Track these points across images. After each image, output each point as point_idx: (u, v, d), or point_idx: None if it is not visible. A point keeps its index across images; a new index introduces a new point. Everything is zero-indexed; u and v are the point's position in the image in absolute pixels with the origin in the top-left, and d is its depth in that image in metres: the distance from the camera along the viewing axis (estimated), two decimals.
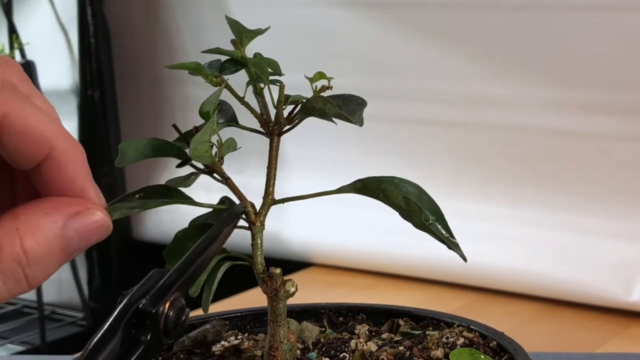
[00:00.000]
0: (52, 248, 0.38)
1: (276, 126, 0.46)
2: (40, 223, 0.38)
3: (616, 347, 0.85)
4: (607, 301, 0.93)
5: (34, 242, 0.38)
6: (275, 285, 0.45)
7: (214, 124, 0.44)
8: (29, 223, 0.38)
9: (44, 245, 0.38)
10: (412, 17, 1.06)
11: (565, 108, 0.98)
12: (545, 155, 1.01)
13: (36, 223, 0.38)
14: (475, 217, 1.03)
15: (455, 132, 1.06)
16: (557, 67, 0.98)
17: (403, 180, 0.45)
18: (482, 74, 1.03)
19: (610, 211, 0.97)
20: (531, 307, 0.96)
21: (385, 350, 0.47)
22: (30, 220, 0.38)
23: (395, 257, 1.06)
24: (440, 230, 0.45)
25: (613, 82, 0.95)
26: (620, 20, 0.94)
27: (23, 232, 0.38)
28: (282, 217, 1.12)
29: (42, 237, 0.38)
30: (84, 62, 1.34)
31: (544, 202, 1.01)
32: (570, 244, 0.98)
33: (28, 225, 0.38)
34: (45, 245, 0.38)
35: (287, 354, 0.45)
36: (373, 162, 1.10)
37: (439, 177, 1.06)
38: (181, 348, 0.50)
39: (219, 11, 1.21)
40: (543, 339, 0.88)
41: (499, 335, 0.48)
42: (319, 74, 0.45)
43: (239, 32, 0.46)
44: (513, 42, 1.01)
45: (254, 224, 0.46)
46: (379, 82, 1.09)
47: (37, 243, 0.38)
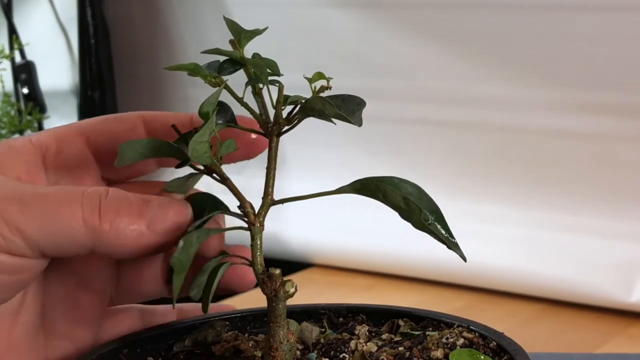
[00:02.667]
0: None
1: (275, 127, 0.46)
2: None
3: (616, 348, 0.85)
4: (607, 302, 0.93)
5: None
6: (275, 285, 0.45)
7: (214, 125, 0.44)
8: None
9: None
10: (412, 17, 1.06)
11: (566, 108, 0.98)
12: (546, 155, 1.01)
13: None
14: (474, 217, 1.03)
15: (455, 133, 1.06)
16: (558, 68, 0.98)
17: (402, 180, 0.45)
18: (482, 74, 1.02)
19: (610, 212, 0.97)
20: (531, 308, 0.96)
21: (385, 350, 0.47)
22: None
23: (395, 257, 1.06)
24: (439, 230, 0.45)
25: (614, 82, 0.95)
26: (621, 20, 0.94)
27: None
28: (281, 218, 1.12)
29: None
30: (84, 62, 1.34)
31: (544, 203, 1.01)
32: (570, 244, 0.98)
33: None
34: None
35: (287, 355, 0.45)
36: (372, 163, 1.10)
37: (438, 177, 1.06)
38: (181, 349, 0.50)
39: (218, 12, 1.21)
40: (543, 340, 0.88)
41: (498, 335, 0.48)
42: (318, 75, 0.46)
43: (237, 33, 0.46)
44: (514, 43, 1.01)
45: (253, 224, 0.46)
46: (378, 82, 1.09)
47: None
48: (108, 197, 0.45)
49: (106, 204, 0.45)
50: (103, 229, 0.45)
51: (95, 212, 0.45)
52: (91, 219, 0.45)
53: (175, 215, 0.46)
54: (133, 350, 0.49)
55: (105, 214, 0.45)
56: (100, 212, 0.45)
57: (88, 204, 0.45)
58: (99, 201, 0.45)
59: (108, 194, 0.46)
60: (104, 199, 0.45)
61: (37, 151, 0.50)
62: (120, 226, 0.45)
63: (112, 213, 0.45)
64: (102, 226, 0.45)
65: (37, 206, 0.45)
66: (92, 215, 0.45)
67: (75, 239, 0.45)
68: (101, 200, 0.45)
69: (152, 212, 0.46)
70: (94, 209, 0.45)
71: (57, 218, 0.45)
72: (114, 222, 0.45)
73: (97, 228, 0.45)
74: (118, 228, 0.45)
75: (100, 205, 0.45)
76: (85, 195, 0.45)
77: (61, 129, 0.51)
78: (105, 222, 0.45)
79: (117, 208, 0.45)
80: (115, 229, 0.45)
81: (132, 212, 0.45)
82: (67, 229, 0.45)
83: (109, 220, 0.45)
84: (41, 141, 0.50)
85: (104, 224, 0.45)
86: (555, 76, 0.99)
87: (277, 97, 0.46)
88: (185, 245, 0.45)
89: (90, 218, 0.45)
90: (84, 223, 0.45)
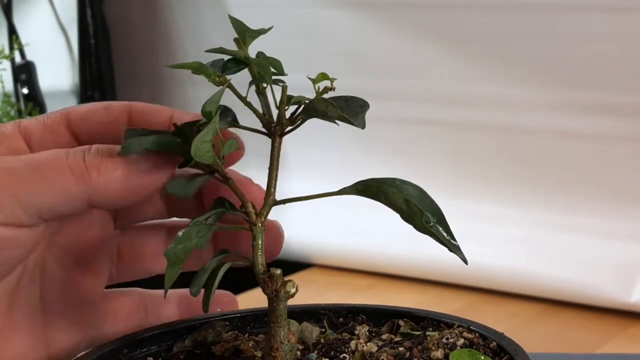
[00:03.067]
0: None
1: (278, 127, 0.46)
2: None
3: (616, 348, 0.85)
4: (607, 302, 0.93)
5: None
6: (276, 286, 0.45)
7: (217, 124, 0.44)
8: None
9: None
10: (412, 17, 1.06)
11: (567, 108, 0.98)
12: (546, 155, 1.01)
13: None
14: (475, 218, 1.03)
15: (455, 133, 1.06)
16: (558, 68, 0.98)
17: (404, 182, 0.45)
18: (482, 74, 1.02)
19: (610, 212, 0.97)
20: (531, 308, 0.96)
21: (385, 351, 0.47)
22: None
23: (395, 257, 1.06)
24: (441, 233, 0.45)
25: (614, 82, 0.95)
26: (621, 20, 0.94)
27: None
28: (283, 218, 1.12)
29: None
30: (84, 62, 1.34)
31: (544, 203, 1.01)
32: (570, 244, 0.98)
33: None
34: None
35: (287, 355, 0.45)
36: (374, 163, 1.10)
37: (438, 177, 1.06)
38: (181, 349, 0.50)
39: (218, 12, 1.21)
40: (543, 340, 0.88)
41: (499, 335, 0.48)
42: (322, 75, 0.46)
43: (241, 32, 0.46)
44: (514, 43, 1.01)
45: (255, 224, 0.46)
46: (381, 82, 1.09)
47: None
48: (91, 150, 0.47)
49: (90, 155, 0.47)
50: (92, 176, 0.46)
51: (81, 162, 0.47)
52: (78, 170, 0.46)
53: (157, 155, 0.48)
54: (133, 350, 0.49)
55: (91, 163, 0.47)
56: (85, 162, 0.47)
57: (73, 157, 0.47)
58: (83, 154, 0.47)
59: (91, 148, 0.48)
60: (87, 152, 0.47)
61: (22, 138, 0.51)
62: (107, 172, 0.47)
63: (97, 161, 0.47)
64: (90, 174, 0.46)
65: (26, 170, 0.46)
66: (79, 165, 0.47)
67: (69, 193, 0.46)
68: (85, 153, 0.47)
69: (133, 156, 0.47)
70: (79, 161, 0.47)
71: (48, 175, 0.46)
72: (101, 169, 0.47)
73: (86, 177, 0.46)
74: (106, 174, 0.47)
75: (84, 157, 0.47)
76: (70, 151, 0.47)
77: (51, 115, 0.52)
78: (93, 170, 0.47)
79: (100, 157, 0.47)
80: (104, 175, 0.47)
81: (115, 159, 0.47)
82: (58, 184, 0.46)
83: (95, 168, 0.47)
84: (28, 128, 0.51)
85: (92, 172, 0.46)
86: (555, 76, 0.99)
87: (281, 97, 0.46)
88: (183, 238, 0.45)
89: (78, 169, 0.46)
90: (72, 174, 0.46)
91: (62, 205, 0.47)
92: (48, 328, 0.51)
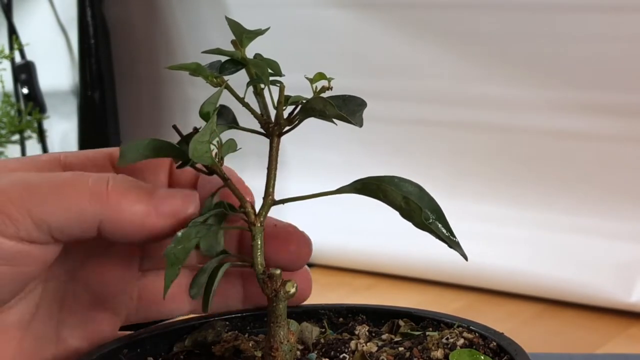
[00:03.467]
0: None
1: (276, 127, 0.46)
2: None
3: (616, 348, 0.85)
4: (607, 302, 0.93)
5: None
6: (276, 286, 0.45)
7: (214, 125, 0.44)
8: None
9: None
10: (412, 17, 1.06)
11: (567, 108, 0.98)
12: (546, 155, 1.01)
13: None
14: (475, 218, 1.03)
15: (456, 133, 1.06)
16: (558, 68, 0.98)
17: (403, 179, 0.45)
18: (482, 74, 1.02)
19: (610, 212, 0.97)
20: (531, 308, 0.96)
21: (385, 351, 0.47)
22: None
23: (395, 257, 1.06)
24: (440, 229, 0.45)
25: (614, 82, 0.95)
26: (621, 20, 0.94)
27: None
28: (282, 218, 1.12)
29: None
30: (84, 62, 1.34)
31: (544, 203, 1.01)
32: (570, 244, 0.98)
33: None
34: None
35: (287, 355, 0.45)
36: (373, 163, 1.10)
37: (438, 177, 1.06)
38: (181, 349, 0.50)
39: (218, 12, 1.21)
40: (543, 340, 0.88)
41: (499, 336, 0.48)
42: (319, 75, 0.45)
43: (239, 33, 0.46)
44: (514, 43, 1.01)
45: (254, 224, 0.46)
46: (379, 82, 1.09)
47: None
48: (116, 178, 0.46)
49: (114, 182, 0.45)
50: (110, 202, 0.45)
51: (103, 187, 0.45)
52: (98, 193, 0.45)
53: (183, 200, 0.46)
54: (133, 350, 0.49)
55: (113, 190, 0.45)
56: (108, 188, 0.45)
57: (96, 181, 0.45)
58: (107, 180, 0.45)
59: (117, 176, 0.46)
60: (112, 179, 0.45)
61: (62, 168, 0.49)
62: (127, 203, 0.45)
63: (120, 190, 0.45)
64: (109, 200, 0.45)
65: (45, 186, 0.45)
66: (100, 189, 0.45)
67: (82, 213, 0.45)
68: (109, 180, 0.45)
69: (160, 194, 0.46)
70: (102, 184, 0.45)
71: (66, 193, 0.45)
72: (121, 198, 0.45)
73: (104, 201, 0.45)
74: (124, 205, 0.45)
75: (108, 183, 0.45)
76: (95, 175, 0.46)
77: (94, 151, 0.50)
78: (113, 197, 0.45)
79: (124, 187, 0.45)
80: (122, 205, 0.45)
81: (139, 192, 0.46)
82: (74, 202, 0.45)
83: (116, 196, 0.45)
84: (69, 159, 0.50)
85: (112, 198, 0.45)
86: (556, 76, 0.99)
87: (278, 97, 0.46)
88: (182, 238, 0.44)
89: (98, 192, 0.45)
90: (91, 194, 0.45)
91: (73, 225, 0.45)
92: (57, 357, 0.50)
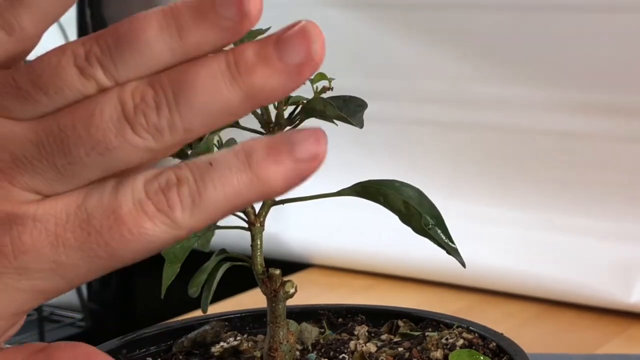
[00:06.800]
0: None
1: (277, 127, 0.46)
2: None
3: (616, 348, 0.85)
4: (606, 302, 0.93)
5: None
6: (275, 286, 0.45)
7: None
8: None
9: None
10: (412, 17, 1.06)
11: (566, 108, 0.98)
12: (546, 156, 1.01)
13: None
14: (475, 218, 1.03)
15: (456, 133, 1.06)
16: (558, 68, 0.98)
17: (404, 184, 0.45)
18: (482, 74, 1.02)
19: (610, 212, 0.97)
20: (531, 308, 0.96)
21: (385, 351, 0.47)
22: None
23: (394, 258, 1.06)
24: (439, 235, 0.45)
25: (614, 82, 0.95)
26: (621, 20, 0.94)
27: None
28: (281, 218, 1.12)
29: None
30: None
31: (544, 203, 1.01)
32: (570, 245, 0.98)
33: None
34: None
35: (286, 355, 0.45)
36: (373, 163, 1.10)
37: (439, 178, 1.06)
38: (180, 349, 0.50)
39: None
40: (542, 340, 0.88)
41: (498, 336, 0.48)
42: (320, 75, 0.46)
43: None
44: (513, 43, 1.01)
45: (254, 224, 0.46)
46: (379, 82, 1.09)
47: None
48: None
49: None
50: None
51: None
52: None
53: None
54: (132, 351, 0.49)
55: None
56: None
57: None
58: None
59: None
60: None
61: None
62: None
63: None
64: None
65: None
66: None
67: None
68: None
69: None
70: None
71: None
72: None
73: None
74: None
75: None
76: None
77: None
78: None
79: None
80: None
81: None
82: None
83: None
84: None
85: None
86: (555, 76, 0.99)
87: None
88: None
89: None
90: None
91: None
92: None
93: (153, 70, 0.35)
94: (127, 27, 0.35)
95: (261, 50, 0.35)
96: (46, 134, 0.35)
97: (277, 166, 0.35)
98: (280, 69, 0.35)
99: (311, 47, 0.35)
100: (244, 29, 0.35)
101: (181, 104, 0.34)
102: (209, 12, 0.35)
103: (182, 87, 0.34)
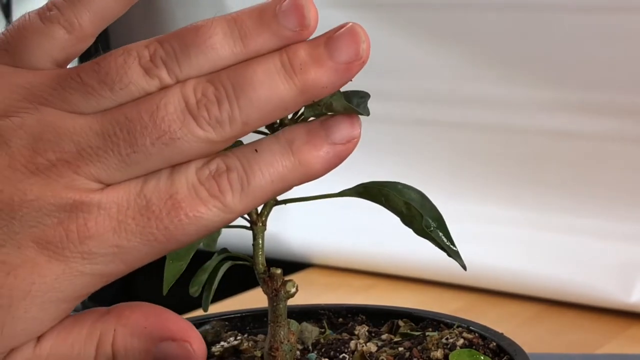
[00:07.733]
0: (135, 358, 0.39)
1: (280, 127, 0.46)
2: (136, 332, 0.39)
3: (616, 348, 0.85)
4: (607, 302, 0.93)
5: (123, 347, 0.39)
6: (276, 285, 0.45)
7: None
8: (128, 326, 0.39)
9: (130, 354, 0.39)
10: (412, 17, 1.06)
11: (566, 108, 0.98)
12: (546, 156, 1.01)
13: (132, 331, 0.39)
14: (475, 218, 1.03)
15: (456, 133, 1.06)
16: (558, 68, 0.98)
17: (406, 186, 0.46)
18: (482, 74, 1.02)
19: (610, 212, 0.97)
20: (531, 308, 0.96)
21: (385, 351, 0.47)
22: (129, 324, 0.39)
23: (395, 258, 1.06)
24: (441, 238, 0.45)
25: (614, 82, 0.95)
26: (620, 20, 0.94)
27: (118, 335, 0.39)
28: (283, 218, 1.12)
29: (132, 347, 0.39)
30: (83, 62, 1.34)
31: (544, 203, 1.01)
32: (570, 245, 0.98)
33: (127, 329, 0.39)
34: (132, 356, 0.39)
35: (287, 355, 0.45)
36: (372, 163, 1.10)
37: (438, 177, 1.06)
38: None
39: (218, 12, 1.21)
40: (543, 340, 0.88)
41: (498, 336, 0.48)
42: None
43: None
44: (514, 43, 1.01)
45: (256, 224, 0.46)
46: (378, 82, 1.09)
47: (126, 349, 0.39)
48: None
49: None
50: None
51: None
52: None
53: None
54: None
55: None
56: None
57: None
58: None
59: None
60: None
61: None
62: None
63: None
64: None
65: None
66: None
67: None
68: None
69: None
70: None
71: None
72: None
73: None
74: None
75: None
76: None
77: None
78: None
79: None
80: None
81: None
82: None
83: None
84: None
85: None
86: (555, 76, 0.99)
87: None
88: None
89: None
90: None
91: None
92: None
93: (212, 70, 0.38)
94: (193, 32, 0.39)
95: (313, 51, 0.39)
96: (112, 125, 0.38)
97: (317, 151, 0.39)
98: (331, 67, 0.39)
99: (360, 47, 0.39)
100: (303, 38, 0.39)
101: (241, 99, 0.38)
102: (271, 22, 0.39)
103: (241, 84, 0.38)
